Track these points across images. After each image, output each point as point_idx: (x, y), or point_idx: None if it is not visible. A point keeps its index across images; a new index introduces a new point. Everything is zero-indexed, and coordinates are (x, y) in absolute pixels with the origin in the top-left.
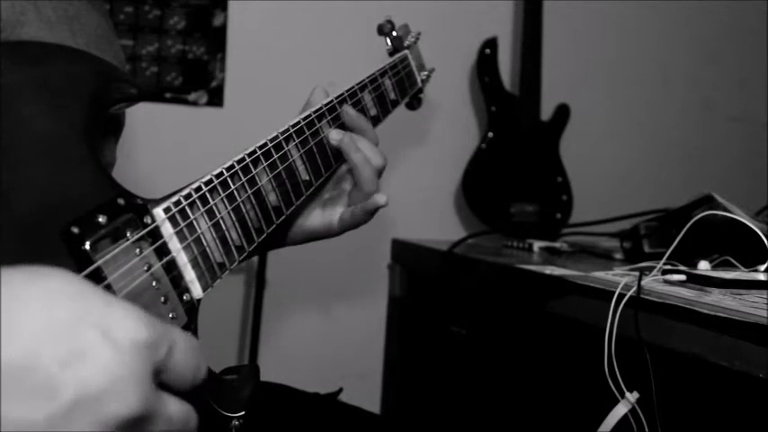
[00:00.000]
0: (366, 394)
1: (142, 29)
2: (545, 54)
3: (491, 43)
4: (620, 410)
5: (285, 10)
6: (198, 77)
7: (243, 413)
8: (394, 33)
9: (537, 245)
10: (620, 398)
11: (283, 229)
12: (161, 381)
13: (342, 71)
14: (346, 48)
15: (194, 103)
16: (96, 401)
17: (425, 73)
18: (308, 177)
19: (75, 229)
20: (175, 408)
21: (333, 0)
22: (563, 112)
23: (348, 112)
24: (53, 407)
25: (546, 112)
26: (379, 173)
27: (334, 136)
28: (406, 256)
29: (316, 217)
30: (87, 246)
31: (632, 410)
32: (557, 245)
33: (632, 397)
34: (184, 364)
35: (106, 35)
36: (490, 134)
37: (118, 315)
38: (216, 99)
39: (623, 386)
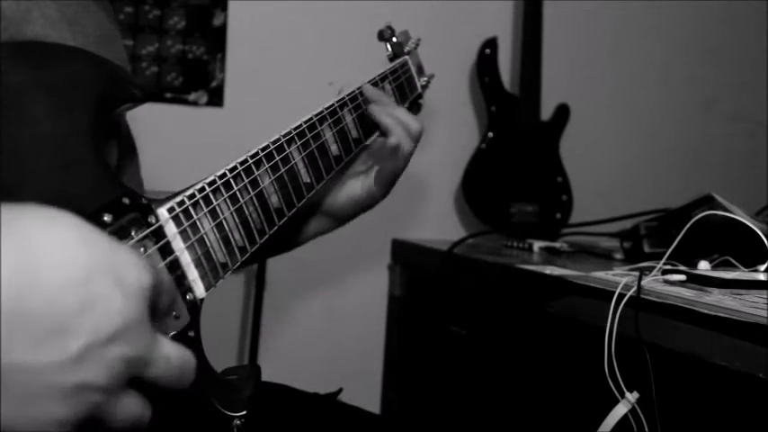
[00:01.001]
0: (366, 394)
1: (142, 29)
2: (545, 54)
3: (491, 43)
4: (620, 410)
5: (285, 10)
6: (198, 77)
7: (244, 412)
8: (394, 39)
9: (537, 245)
10: (620, 398)
11: (299, 228)
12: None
13: (341, 71)
14: (346, 48)
15: (194, 103)
16: (105, 345)
17: (425, 79)
18: (309, 180)
19: None
20: (171, 348)
21: (333, 0)
22: (563, 112)
23: (368, 88)
24: (67, 351)
25: (546, 112)
26: (416, 137)
27: (370, 91)
28: (406, 256)
29: (355, 187)
30: None
31: (632, 410)
32: (557, 245)
33: (632, 397)
34: (167, 305)
35: (107, 35)
36: (490, 134)
37: (125, 261)
38: (216, 99)
39: (623, 386)
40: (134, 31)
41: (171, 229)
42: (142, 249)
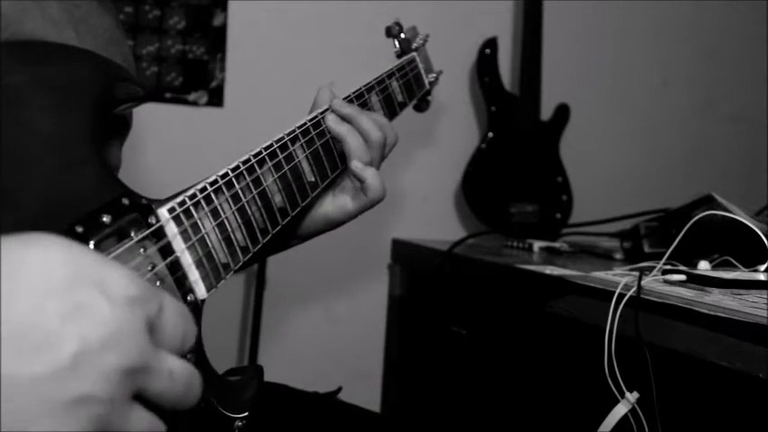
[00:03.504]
0: (366, 394)
1: (142, 29)
2: (545, 54)
3: (491, 43)
4: (620, 410)
5: (285, 10)
6: (198, 77)
7: (246, 414)
8: (402, 35)
9: (537, 245)
10: (620, 398)
11: (294, 227)
12: (154, 340)
13: (342, 71)
14: (346, 48)
15: (194, 103)
16: (97, 354)
17: (433, 75)
18: (313, 179)
19: (80, 229)
20: (176, 363)
21: (333, 0)
22: (563, 112)
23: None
24: (56, 361)
25: (546, 112)
26: (380, 147)
27: (334, 103)
28: (406, 256)
29: (327, 204)
30: (91, 245)
31: (632, 410)
32: (557, 245)
33: (632, 397)
34: (174, 325)
35: (114, 38)
36: (490, 134)
37: (111, 272)
38: (216, 99)
39: (623, 386)
40: (134, 31)
41: (171, 230)
42: (142, 250)
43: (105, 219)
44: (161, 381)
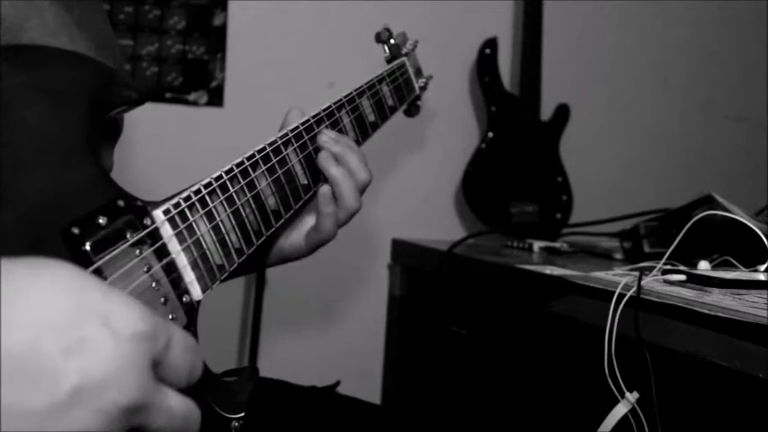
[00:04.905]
0: (366, 394)
1: (142, 29)
2: (545, 54)
3: (491, 43)
4: (620, 410)
5: (285, 10)
6: (198, 77)
7: (242, 414)
8: (392, 41)
9: (537, 245)
10: (620, 398)
11: (266, 249)
12: (158, 375)
13: (341, 71)
14: (346, 48)
15: (194, 103)
16: (97, 390)
17: (423, 80)
18: (306, 182)
19: (76, 230)
20: (176, 401)
21: (333, 0)
22: (563, 112)
23: (324, 137)
24: (55, 395)
25: (546, 112)
26: (362, 189)
27: (323, 139)
28: (406, 256)
29: (284, 239)
30: (88, 246)
31: (632, 410)
32: (557, 245)
33: (632, 397)
34: (181, 359)
35: (106, 39)
36: (490, 134)
37: (117, 306)
38: (216, 99)
39: (623, 386)
40: (134, 31)
41: (167, 231)
42: (137, 252)
43: (101, 220)
44: (160, 418)
